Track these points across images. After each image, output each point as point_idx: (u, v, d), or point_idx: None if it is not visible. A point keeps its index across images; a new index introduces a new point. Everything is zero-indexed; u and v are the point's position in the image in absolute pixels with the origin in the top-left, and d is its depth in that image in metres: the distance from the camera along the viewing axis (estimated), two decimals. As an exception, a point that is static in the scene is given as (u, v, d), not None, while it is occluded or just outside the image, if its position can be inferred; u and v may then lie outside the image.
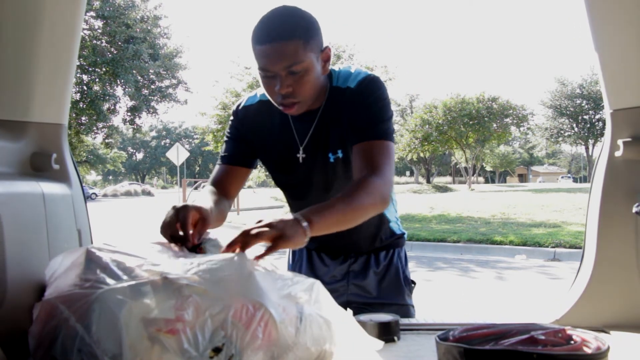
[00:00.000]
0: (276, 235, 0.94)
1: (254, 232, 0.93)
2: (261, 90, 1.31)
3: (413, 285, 1.53)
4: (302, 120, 1.29)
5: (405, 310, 1.46)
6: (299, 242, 0.97)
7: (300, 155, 1.31)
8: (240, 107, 1.37)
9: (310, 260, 1.52)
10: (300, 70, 1.12)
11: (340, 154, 1.28)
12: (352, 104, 1.23)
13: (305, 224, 0.98)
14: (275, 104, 1.21)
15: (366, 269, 1.48)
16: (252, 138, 1.35)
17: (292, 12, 1.13)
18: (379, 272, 1.48)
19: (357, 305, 1.44)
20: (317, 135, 1.29)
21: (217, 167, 1.37)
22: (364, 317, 1.17)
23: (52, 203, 1.19)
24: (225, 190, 1.31)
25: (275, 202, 20.70)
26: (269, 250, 0.94)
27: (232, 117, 1.39)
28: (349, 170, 1.27)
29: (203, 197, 1.20)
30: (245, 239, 0.93)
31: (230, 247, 0.94)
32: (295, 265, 1.55)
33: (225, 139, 1.39)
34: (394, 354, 1.08)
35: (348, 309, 1.01)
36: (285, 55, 1.10)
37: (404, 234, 1.55)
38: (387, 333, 1.14)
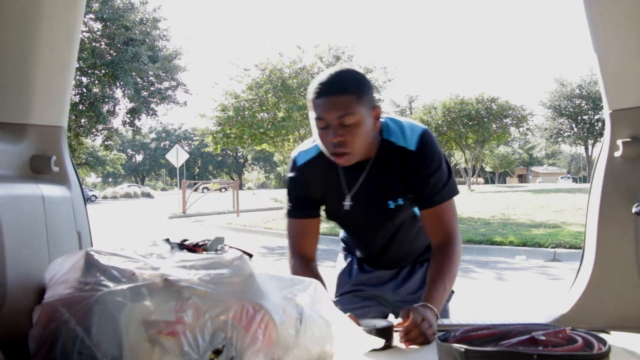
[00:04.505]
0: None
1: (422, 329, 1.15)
2: (315, 143, 1.43)
3: (452, 292, 1.61)
4: (351, 170, 1.37)
5: (444, 314, 1.56)
6: None
7: (347, 202, 1.41)
8: (297, 166, 1.45)
9: (362, 268, 1.64)
10: (352, 123, 1.23)
11: (400, 202, 1.39)
12: (416, 167, 1.34)
13: (437, 311, 1.23)
14: (327, 154, 1.31)
15: (410, 275, 1.61)
16: (313, 190, 1.45)
17: (347, 72, 1.27)
18: (423, 278, 1.58)
19: (399, 304, 1.57)
20: (368, 184, 1.38)
21: (290, 222, 1.46)
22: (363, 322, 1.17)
23: (52, 205, 1.19)
24: (309, 252, 1.45)
25: (275, 204, 20.69)
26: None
27: (289, 178, 1.47)
28: (403, 214, 1.43)
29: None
30: (415, 332, 1.14)
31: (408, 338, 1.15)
32: (346, 268, 1.67)
33: (288, 192, 1.47)
34: (395, 355, 1.08)
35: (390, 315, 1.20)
36: (339, 106, 1.22)
37: None
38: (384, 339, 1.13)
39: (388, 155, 1.35)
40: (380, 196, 1.39)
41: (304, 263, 1.42)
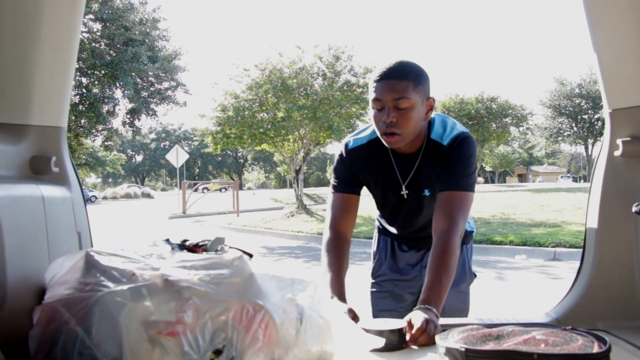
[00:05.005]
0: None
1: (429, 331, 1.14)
2: (368, 132, 1.54)
3: (474, 276, 1.80)
4: (403, 161, 1.50)
5: (463, 297, 1.74)
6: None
7: (404, 192, 1.54)
8: (348, 149, 1.55)
9: (393, 249, 1.80)
10: (406, 107, 1.34)
11: (428, 193, 1.52)
12: (444, 159, 1.44)
13: (436, 311, 1.22)
14: (379, 136, 1.41)
15: None
16: (360, 174, 1.55)
17: (408, 62, 1.39)
18: None
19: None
20: (416, 175, 1.51)
21: (334, 197, 1.55)
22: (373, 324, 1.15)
23: (52, 206, 1.19)
24: (346, 229, 1.51)
25: (275, 204, 20.69)
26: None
27: (339, 158, 1.56)
28: (432, 203, 1.51)
29: (333, 271, 1.41)
30: (424, 336, 1.13)
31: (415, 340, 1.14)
32: (380, 252, 1.82)
33: (335, 170, 1.57)
34: (394, 355, 1.08)
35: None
36: (396, 90, 1.33)
37: (472, 231, 1.82)
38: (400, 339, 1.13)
39: (431, 152, 1.46)
40: (421, 187, 1.51)
41: (338, 238, 1.48)
